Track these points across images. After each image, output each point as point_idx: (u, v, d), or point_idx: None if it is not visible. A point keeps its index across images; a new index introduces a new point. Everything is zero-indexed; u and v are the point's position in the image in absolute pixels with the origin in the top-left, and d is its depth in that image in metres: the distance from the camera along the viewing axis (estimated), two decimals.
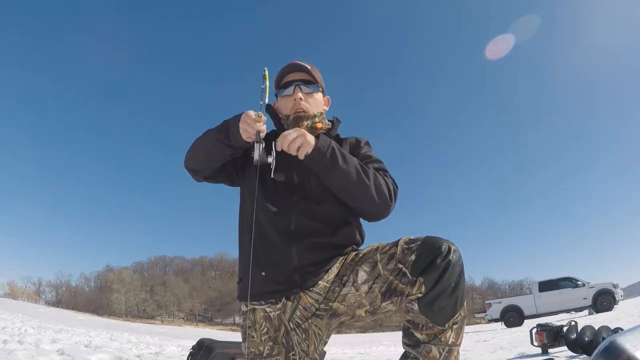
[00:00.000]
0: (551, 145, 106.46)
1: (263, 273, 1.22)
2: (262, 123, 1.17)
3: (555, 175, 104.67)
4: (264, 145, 1.17)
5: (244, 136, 1.19)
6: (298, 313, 1.20)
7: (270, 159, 1.16)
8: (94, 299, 59.47)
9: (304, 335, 1.20)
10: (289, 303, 1.20)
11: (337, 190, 1.23)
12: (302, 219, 1.23)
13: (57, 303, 55.35)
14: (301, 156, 1.17)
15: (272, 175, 1.18)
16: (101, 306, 56.63)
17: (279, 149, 1.17)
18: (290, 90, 1.38)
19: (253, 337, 1.21)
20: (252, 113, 1.18)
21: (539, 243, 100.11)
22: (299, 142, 1.16)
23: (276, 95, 1.44)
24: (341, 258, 1.24)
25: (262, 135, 1.17)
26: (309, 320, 1.20)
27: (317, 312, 1.19)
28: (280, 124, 1.41)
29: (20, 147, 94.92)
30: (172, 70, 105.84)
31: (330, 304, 1.17)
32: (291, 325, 1.20)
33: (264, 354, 1.18)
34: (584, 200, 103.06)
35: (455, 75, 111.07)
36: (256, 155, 1.14)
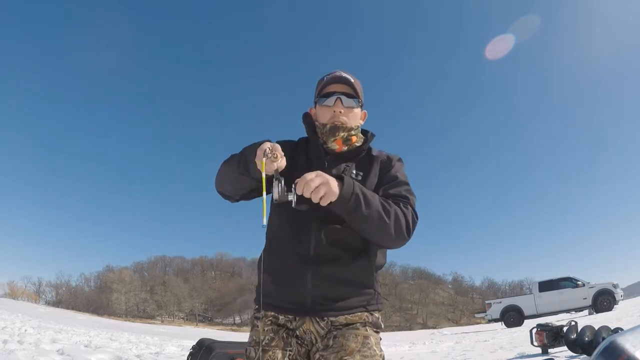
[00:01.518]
0: (552, 145, 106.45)
1: (278, 289, 1.29)
2: (279, 160, 1.14)
3: (555, 175, 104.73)
4: (283, 184, 1.14)
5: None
6: (299, 332, 1.28)
7: (290, 197, 1.14)
8: (94, 299, 59.48)
9: (300, 341, 1.28)
10: (297, 319, 1.28)
11: (356, 228, 1.25)
12: (321, 245, 1.27)
13: (57, 303, 55.32)
14: (323, 204, 1.15)
15: (293, 206, 1.16)
16: (101, 306, 56.65)
17: (299, 193, 1.13)
18: (331, 101, 1.38)
19: (257, 326, 1.30)
20: (267, 149, 1.13)
21: (539, 243, 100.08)
22: (322, 191, 1.12)
23: (315, 103, 1.45)
24: (349, 317, 1.27)
25: (281, 168, 1.15)
26: (305, 344, 1.28)
27: (315, 344, 1.27)
28: (314, 131, 1.42)
29: (20, 147, 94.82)
30: (172, 70, 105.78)
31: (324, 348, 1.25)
32: (292, 333, 1.28)
33: (263, 342, 1.25)
34: (584, 200, 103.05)
35: (455, 75, 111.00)
36: (275, 194, 1.12)
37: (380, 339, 1.33)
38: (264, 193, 1.12)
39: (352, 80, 1.40)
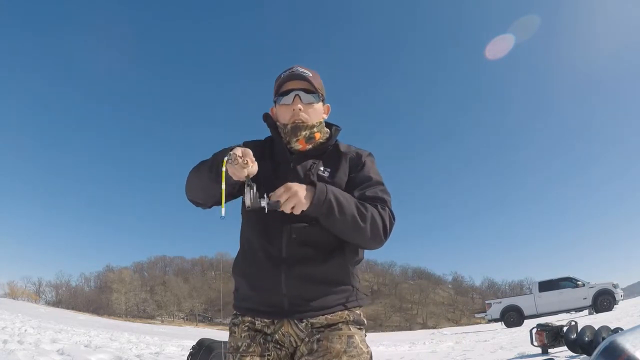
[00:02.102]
0: (551, 146, 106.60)
1: (254, 293, 1.27)
2: (250, 166, 1.12)
3: (555, 175, 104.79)
4: (255, 190, 1.13)
5: (234, 177, 1.15)
6: (278, 335, 1.25)
7: (263, 203, 1.12)
8: (94, 299, 59.53)
9: (278, 345, 1.26)
10: (275, 322, 1.26)
11: (332, 231, 1.24)
12: (294, 246, 1.24)
13: (57, 303, 55.36)
14: (297, 212, 1.15)
15: (266, 212, 1.14)
16: (101, 306, 56.70)
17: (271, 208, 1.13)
18: (289, 99, 1.33)
19: (235, 332, 1.28)
20: (239, 156, 1.12)
21: (539, 243, 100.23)
22: (292, 202, 1.13)
23: (275, 102, 1.39)
24: (329, 317, 1.25)
25: (253, 174, 1.14)
26: (285, 347, 1.26)
27: (297, 348, 1.24)
28: (277, 131, 1.38)
29: (20, 147, 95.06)
30: (172, 70, 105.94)
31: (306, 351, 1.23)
32: (270, 337, 1.25)
33: (241, 349, 1.23)
34: (584, 201, 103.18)
35: (455, 75, 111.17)
36: (248, 201, 1.11)
37: (365, 335, 1.30)
38: (223, 184, 1.10)
39: (310, 75, 1.34)
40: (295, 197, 1.13)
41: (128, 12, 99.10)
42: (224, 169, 1.11)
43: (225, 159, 1.11)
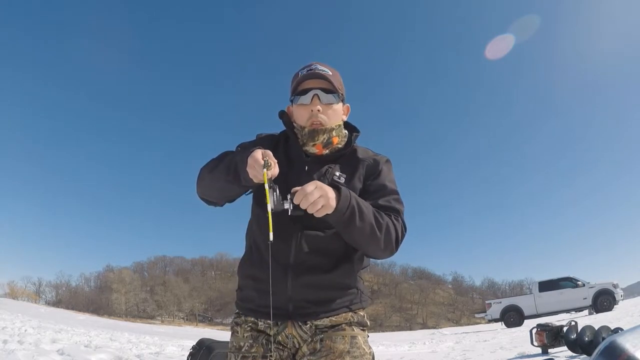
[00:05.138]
0: (551, 146, 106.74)
1: (259, 295, 1.25)
2: (272, 168, 1.08)
3: (555, 175, 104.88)
4: (277, 192, 1.09)
5: (255, 180, 1.11)
6: (281, 337, 1.24)
7: (287, 205, 1.09)
8: (94, 299, 59.55)
9: (281, 346, 1.25)
10: (279, 324, 1.25)
11: (346, 238, 1.21)
12: (302, 253, 1.22)
13: (57, 303, 55.36)
14: (319, 215, 1.10)
15: (289, 214, 1.10)
16: (101, 306, 56.70)
17: (297, 202, 1.08)
18: (307, 99, 1.27)
19: (237, 332, 1.27)
20: (259, 158, 1.07)
21: (539, 243, 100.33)
22: (321, 202, 1.07)
23: (291, 101, 1.33)
24: (333, 319, 1.24)
25: (274, 176, 1.09)
26: (287, 348, 1.25)
27: (299, 348, 1.23)
28: (293, 131, 1.33)
29: (20, 147, 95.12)
30: (172, 71, 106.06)
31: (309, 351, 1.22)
32: (272, 339, 1.24)
33: (243, 349, 1.22)
34: (585, 201, 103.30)
35: (455, 75, 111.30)
36: (271, 204, 1.06)
37: (368, 336, 1.29)
38: (269, 207, 1.04)
39: (330, 73, 1.27)
40: (325, 197, 1.07)
41: (128, 12, 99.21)
42: (266, 185, 1.04)
43: (264, 170, 1.05)
